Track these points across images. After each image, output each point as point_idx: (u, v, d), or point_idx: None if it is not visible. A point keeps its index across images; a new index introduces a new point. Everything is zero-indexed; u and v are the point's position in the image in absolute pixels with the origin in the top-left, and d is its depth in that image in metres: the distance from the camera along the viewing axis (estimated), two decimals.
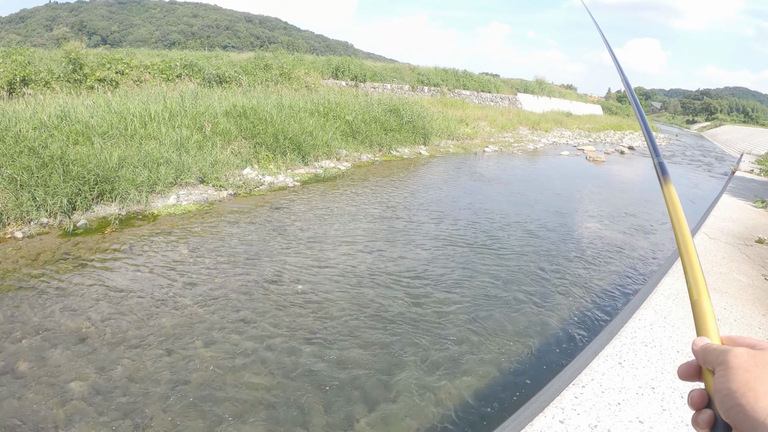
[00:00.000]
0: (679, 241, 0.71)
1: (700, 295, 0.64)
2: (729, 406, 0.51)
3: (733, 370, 0.52)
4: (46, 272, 5.35)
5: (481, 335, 4.65)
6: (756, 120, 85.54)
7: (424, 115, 18.30)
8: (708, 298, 0.63)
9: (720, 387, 0.53)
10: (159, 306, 4.80)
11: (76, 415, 3.29)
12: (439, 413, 3.55)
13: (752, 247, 5.93)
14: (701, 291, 0.64)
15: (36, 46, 29.40)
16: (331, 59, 24.51)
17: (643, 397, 2.62)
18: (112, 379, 3.66)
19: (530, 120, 28.75)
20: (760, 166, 16.51)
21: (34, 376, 3.65)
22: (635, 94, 1.01)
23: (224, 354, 4.07)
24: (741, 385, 0.51)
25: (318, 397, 3.62)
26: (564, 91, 47.35)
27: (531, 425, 2.40)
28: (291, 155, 11.51)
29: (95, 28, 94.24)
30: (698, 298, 0.64)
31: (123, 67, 14.35)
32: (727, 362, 0.54)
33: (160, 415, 3.35)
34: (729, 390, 0.51)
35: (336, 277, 5.77)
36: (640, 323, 3.47)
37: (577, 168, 17.20)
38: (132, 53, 19.76)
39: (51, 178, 6.98)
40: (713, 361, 0.56)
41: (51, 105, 9.56)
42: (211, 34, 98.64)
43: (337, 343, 4.36)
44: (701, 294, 0.64)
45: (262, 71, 18.61)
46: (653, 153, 0.83)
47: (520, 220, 8.96)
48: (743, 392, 0.50)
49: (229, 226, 7.30)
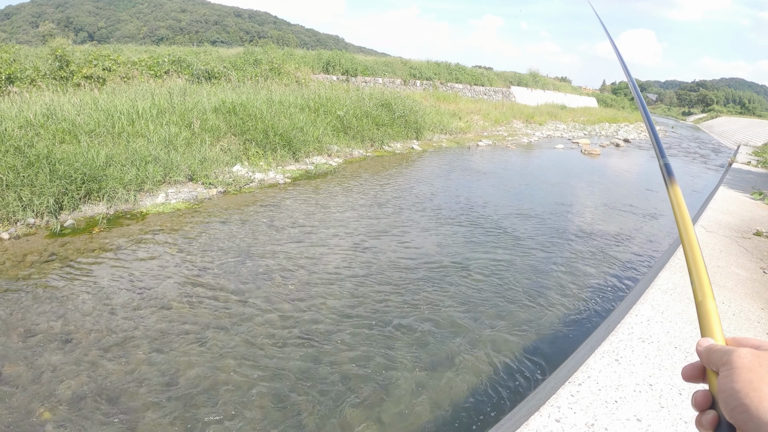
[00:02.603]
0: (685, 242, 0.70)
1: (704, 297, 0.64)
2: (733, 406, 0.51)
3: (737, 370, 0.52)
4: (33, 273, 5.24)
5: (475, 330, 4.61)
6: (753, 111, 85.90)
7: (417, 109, 18.18)
8: (713, 300, 0.63)
9: (724, 387, 0.53)
10: (148, 306, 4.72)
11: (63, 418, 3.23)
12: (434, 411, 3.50)
13: (750, 240, 5.88)
14: (706, 292, 0.64)
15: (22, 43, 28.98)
16: (322, 53, 24.31)
17: (641, 394, 2.58)
18: (101, 381, 3.59)
19: (524, 113, 28.67)
20: (758, 157, 16.46)
21: (21, 378, 3.57)
22: (641, 96, 1.01)
23: (214, 354, 4.01)
24: (745, 385, 0.50)
25: (310, 396, 3.56)
26: (558, 84, 47.32)
27: (527, 424, 2.36)
28: (281, 151, 11.38)
29: (82, 24, 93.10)
30: (703, 299, 0.64)
31: (110, 64, 14.11)
32: (731, 362, 0.54)
33: (150, 416, 3.29)
34: (733, 390, 0.51)
35: (327, 275, 5.70)
36: (637, 319, 3.43)
37: (572, 161, 17.19)
38: (119, 49, 19.53)
39: (37, 177, 6.85)
40: (717, 362, 0.56)
41: (37, 103, 9.37)
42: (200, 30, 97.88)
43: (329, 341, 4.29)
44: (706, 295, 0.64)
45: (252, 66, 18.43)
46: (659, 154, 0.83)
47: (515, 216, 8.92)
48: (747, 392, 0.50)
49: (219, 224, 7.20)
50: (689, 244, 0.69)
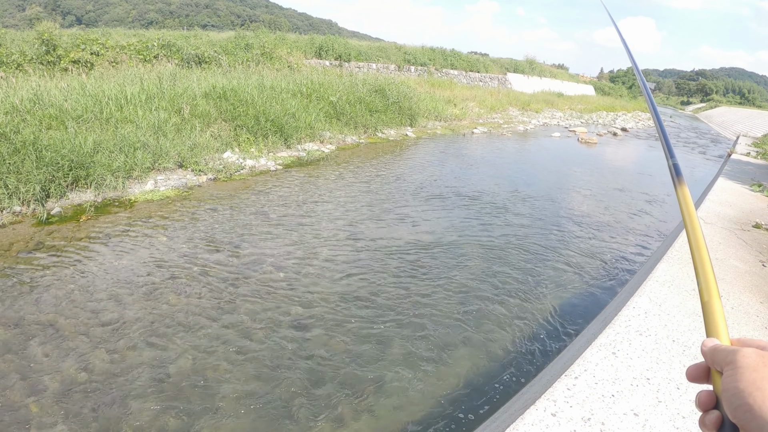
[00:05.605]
0: (692, 242, 0.70)
1: (710, 297, 0.64)
2: (736, 405, 0.51)
3: (741, 370, 0.52)
4: (19, 262, 5.14)
5: (471, 322, 4.57)
6: (752, 101, 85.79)
7: (411, 95, 17.98)
8: (719, 300, 0.63)
9: (728, 386, 0.53)
10: (137, 296, 4.64)
11: (50, 410, 3.17)
12: (428, 403, 3.46)
13: (749, 232, 5.83)
14: (712, 293, 0.64)
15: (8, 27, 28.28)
16: (315, 38, 23.96)
17: (638, 388, 2.54)
18: (89, 373, 3.53)
19: (520, 100, 28.48)
20: (757, 148, 16.36)
21: (7, 370, 3.50)
22: (650, 94, 1.00)
23: (205, 345, 3.95)
24: (749, 385, 0.50)
25: (302, 387, 3.51)
26: (555, 71, 47.02)
27: (522, 418, 2.31)
28: (273, 138, 11.22)
29: (69, 7, 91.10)
30: (709, 299, 0.64)
31: (98, 48, 13.81)
32: (735, 362, 0.54)
33: (140, 408, 3.24)
34: (737, 389, 0.51)
35: (319, 264, 5.63)
36: (635, 311, 3.38)
37: (568, 150, 17.10)
38: (108, 33, 19.17)
39: (23, 164, 6.70)
40: (722, 362, 0.56)
41: (23, 88, 9.18)
42: (190, 13, 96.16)
43: (322, 332, 4.24)
44: (712, 296, 0.64)
45: (243, 51, 18.13)
46: (668, 154, 0.83)
47: (509, 204, 8.86)
48: (751, 391, 0.50)
49: (209, 212, 7.08)
50: (696, 244, 0.69)
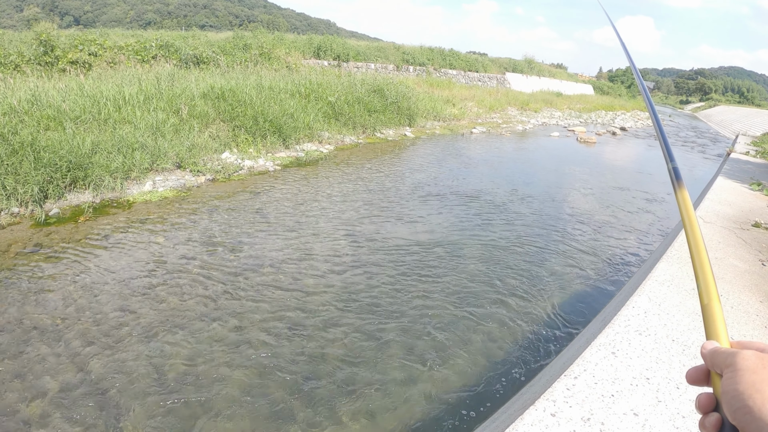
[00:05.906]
0: (691, 245, 0.70)
1: (710, 300, 0.64)
2: (736, 407, 0.51)
3: (741, 372, 0.53)
4: (17, 264, 5.12)
5: (470, 322, 4.56)
6: (751, 100, 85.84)
7: (410, 95, 17.97)
8: (719, 303, 0.63)
9: (727, 388, 0.53)
10: (135, 297, 4.62)
11: (50, 411, 3.16)
12: (428, 404, 3.45)
13: (748, 231, 5.80)
14: (712, 295, 0.64)
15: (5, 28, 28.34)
16: (313, 38, 23.95)
17: (638, 388, 2.53)
18: (88, 374, 3.52)
19: (519, 100, 28.48)
20: (756, 147, 16.32)
21: (6, 371, 3.49)
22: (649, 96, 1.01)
23: (203, 346, 3.93)
24: (748, 387, 0.51)
25: (300, 389, 3.49)
26: (554, 71, 47.07)
27: (521, 419, 2.30)
28: (271, 138, 11.21)
29: (67, 8, 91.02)
30: (708, 302, 0.64)
31: (96, 49, 13.79)
32: (735, 364, 0.54)
33: (138, 409, 3.23)
34: (736, 391, 0.52)
35: (318, 265, 5.62)
36: (634, 311, 3.37)
37: (567, 149, 17.09)
38: (106, 34, 19.16)
39: (21, 165, 6.68)
40: (721, 364, 0.56)
41: (21, 89, 9.15)
42: (188, 13, 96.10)
43: (320, 333, 4.23)
44: (712, 298, 0.64)
45: (241, 51, 18.11)
46: (668, 158, 0.84)
47: (508, 204, 8.86)
48: (750, 394, 0.50)
49: (208, 212, 7.07)
50: (696, 247, 0.69)
